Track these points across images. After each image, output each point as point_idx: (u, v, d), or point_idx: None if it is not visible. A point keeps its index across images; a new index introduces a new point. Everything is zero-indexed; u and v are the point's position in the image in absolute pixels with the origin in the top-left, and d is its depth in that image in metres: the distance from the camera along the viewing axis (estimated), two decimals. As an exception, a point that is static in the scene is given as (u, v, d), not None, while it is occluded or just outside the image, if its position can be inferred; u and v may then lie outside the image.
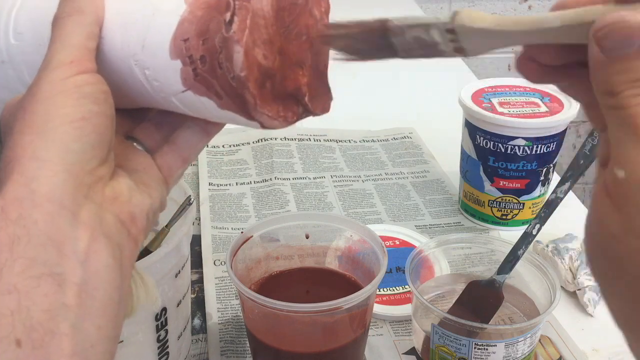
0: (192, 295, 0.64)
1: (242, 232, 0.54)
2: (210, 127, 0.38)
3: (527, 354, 0.54)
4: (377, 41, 0.33)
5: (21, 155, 0.29)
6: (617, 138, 0.28)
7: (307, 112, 0.35)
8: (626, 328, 0.30)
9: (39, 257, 0.28)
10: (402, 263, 0.61)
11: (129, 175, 0.34)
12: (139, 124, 0.38)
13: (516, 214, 0.74)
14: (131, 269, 0.33)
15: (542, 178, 0.73)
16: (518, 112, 0.70)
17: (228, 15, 0.31)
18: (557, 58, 0.31)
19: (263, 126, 0.34)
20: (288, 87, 0.34)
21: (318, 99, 0.36)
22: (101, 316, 0.29)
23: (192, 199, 0.50)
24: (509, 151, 0.70)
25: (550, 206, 0.58)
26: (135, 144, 0.36)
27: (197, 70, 0.32)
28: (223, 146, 0.91)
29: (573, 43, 0.28)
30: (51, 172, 0.29)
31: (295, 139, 0.93)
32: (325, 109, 0.36)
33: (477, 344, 0.52)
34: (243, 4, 0.31)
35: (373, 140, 0.95)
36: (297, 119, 0.35)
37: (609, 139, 0.28)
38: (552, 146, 0.71)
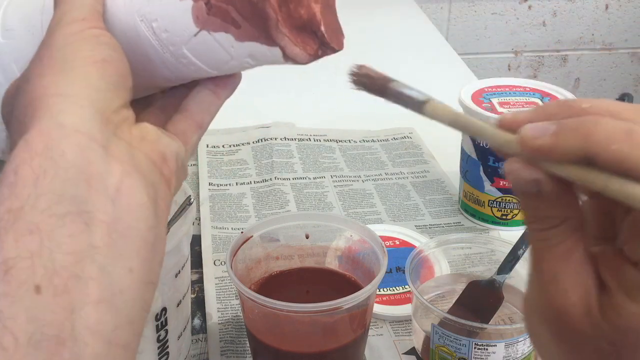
0: (192, 295, 0.64)
1: (242, 232, 0.54)
2: (220, 90, 0.37)
3: (527, 354, 0.54)
4: (379, 87, 0.36)
5: (43, 93, 0.28)
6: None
7: (324, 45, 0.34)
8: None
9: (66, 192, 0.26)
10: (402, 263, 0.61)
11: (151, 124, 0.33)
12: (142, 111, 0.36)
13: (516, 214, 0.74)
14: (166, 215, 0.31)
15: (542, 178, 0.72)
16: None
17: None
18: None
19: (285, 54, 0.33)
20: (303, 15, 0.33)
21: (332, 32, 0.35)
22: (134, 258, 0.27)
23: (192, 199, 0.50)
24: (509, 151, 0.70)
25: (550, 206, 0.58)
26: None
27: (210, 2, 0.32)
28: (223, 146, 0.91)
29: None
30: (78, 106, 0.28)
31: (295, 139, 0.93)
32: (340, 44, 0.35)
33: (477, 344, 0.52)
34: None
35: (373, 140, 0.95)
36: (316, 54, 0.34)
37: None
38: (552, 146, 0.71)
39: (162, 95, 0.38)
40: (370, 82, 0.36)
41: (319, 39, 0.34)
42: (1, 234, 0.25)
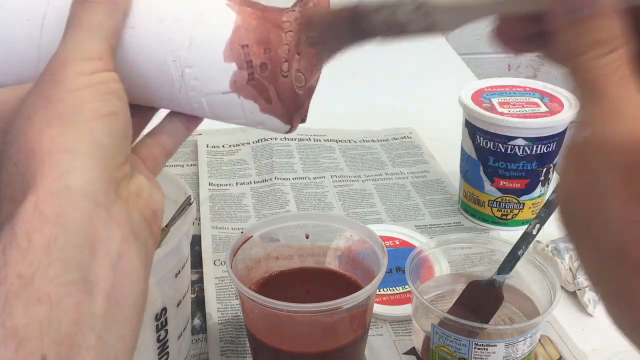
0: (192, 295, 0.64)
1: (242, 232, 0.54)
2: (192, 125, 0.38)
3: (527, 354, 0.54)
4: (348, 28, 0.35)
5: (50, 147, 0.28)
6: (582, 100, 0.28)
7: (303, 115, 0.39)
8: (597, 284, 0.30)
9: (73, 259, 0.26)
10: (402, 263, 0.61)
11: (138, 171, 0.33)
12: None
13: (516, 214, 0.74)
14: (150, 271, 0.31)
15: (542, 178, 0.73)
16: (518, 112, 0.70)
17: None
18: (525, 29, 0.31)
19: (290, 130, 0.37)
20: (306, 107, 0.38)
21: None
22: (126, 325, 0.28)
23: (192, 199, 0.50)
24: (509, 151, 0.70)
25: (550, 206, 0.58)
26: None
27: (254, 75, 0.34)
28: (223, 146, 0.91)
29: (537, 9, 0.29)
30: (85, 166, 0.28)
31: (295, 139, 0.93)
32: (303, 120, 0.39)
33: (477, 344, 0.52)
34: None
35: (373, 140, 0.95)
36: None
37: None
38: (552, 146, 0.71)
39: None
40: (334, 28, 0.35)
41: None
42: (11, 298, 0.25)
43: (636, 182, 0.26)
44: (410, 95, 1.12)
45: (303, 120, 0.39)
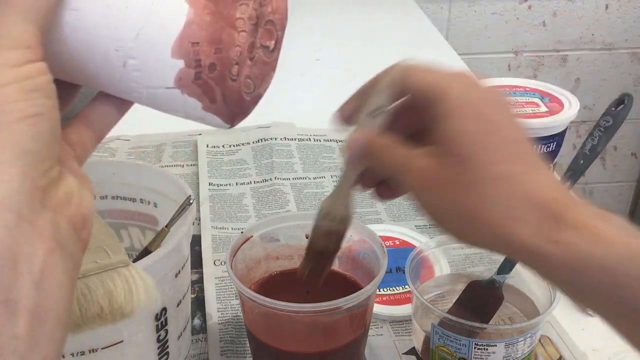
0: (192, 295, 0.64)
1: (242, 232, 0.54)
2: (125, 106, 0.35)
3: (527, 354, 0.54)
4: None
5: None
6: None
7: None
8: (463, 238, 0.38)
9: None
10: (402, 263, 0.61)
11: (68, 170, 0.30)
12: None
13: (516, 214, 0.74)
14: (75, 287, 0.29)
15: (542, 178, 0.72)
16: (518, 112, 0.70)
17: (272, 43, 0.35)
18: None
19: (230, 127, 0.36)
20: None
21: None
22: (50, 344, 0.26)
23: (192, 199, 0.50)
24: (509, 151, 0.70)
25: (550, 206, 0.58)
26: None
27: (202, 75, 0.32)
28: (223, 146, 0.91)
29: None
30: (7, 176, 0.25)
31: (295, 139, 0.93)
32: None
33: (477, 344, 0.52)
34: (282, 36, 0.35)
35: (373, 140, 0.95)
36: None
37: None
38: (552, 146, 0.71)
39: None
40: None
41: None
42: None
43: None
44: (410, 95, 1.11)
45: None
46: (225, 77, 0.33)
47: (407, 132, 0.42)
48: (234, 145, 0.91)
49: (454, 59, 1.27)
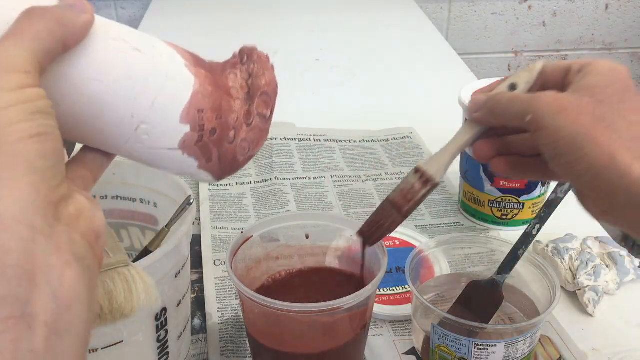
0: (192, 295, 0.64)
1: (242, 232, 0.54)
2: (112, 156, 0.36)
3: (527, 354, 0.54)
4: (387, 210, 0.49)
5: None
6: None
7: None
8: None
9: (11, 293, 0.24)
10: (402, 263, 0.61)
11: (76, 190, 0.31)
12: None
13: (516, 214, 0.74)
14: (95, 301, 0.30)
15: (542, 178, 0.73)
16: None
17: (269, 112, 0.39)
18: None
19: (213, 182, 0.40)
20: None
21: None
22: (67, 359, 0.26)
23: (192, 199, 0.50)
24: (509, 151, 0.70)
25: (550, 206, 0.58)
26: None
27: (203, 138, 0.36)
28: (223, 146, 0.91)
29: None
30: (18, 191, 0.26)
31: (295, 139, 0.93)
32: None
33: (477, 344, 0.52)
34: (275, 104, 0.39)
35: (373, 140, 0.95)
36: None
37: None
38: (552, 146, 0.71)
39: None
40: (378, 221, 0.50)
41: None
42: None
43: None
44: (410, 95, 1.12)
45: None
46: (223, 140, 0.37)
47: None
48: (234, 145, 0.91)
49: (454, 59, 1.28)
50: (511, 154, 0.48)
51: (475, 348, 0.52)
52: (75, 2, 0.31)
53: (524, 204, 0.74)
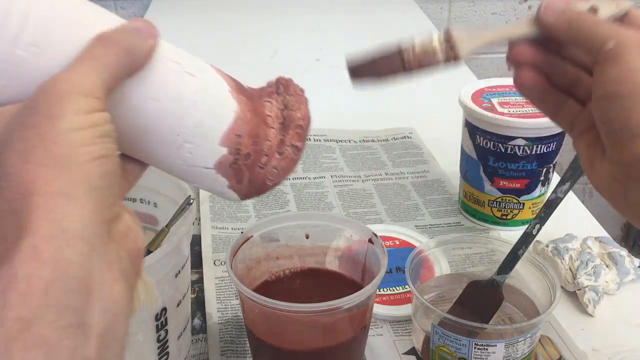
0: (192, 295, 0.64)
1: (242, 232, 0.54)
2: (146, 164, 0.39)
3: (527, 354, 0.54)
4: (394, 63, 0.43)
5: (45, 190, 0.28)
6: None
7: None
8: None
9: (70, 303, 0.26)
10: (402, 263, 0.61)
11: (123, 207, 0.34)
12: None
13: (516, 214, 0.74)
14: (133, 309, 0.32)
15: (542, 178, 0.73)
16: (518, 112, 0.70)
17: (301, 144, 0.40)
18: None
19: (237, 201, 0.40)
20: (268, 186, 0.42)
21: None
22: None
23: (192, 199, 0.50)
24: (509, 151, 0.70)
25: (550, 206, 0.58)
26: None
27: (238, 161, 0.38)
28: (223, 146, 0.91)
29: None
30: (80, 209, 0.28)
31: (295, 139, 0.93)
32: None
33: (477, 344, 0.52)
34: (307, 136, 0.40)
35: (373, 140, 0.95)
36: None
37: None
38: (552, 146, 0.71)
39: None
40: (382, 62, 0.43)
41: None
42: (10, 341, 0.25)
43: None
44: (410, 95, 1.12)
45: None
46: (255, 165, 0.39)
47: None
48: (234, 145, 0.91)
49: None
50: (544, 74, 0.44)
51: (475, 348, 0.52)
52: (142, 25, 0.34)
53: (524, 204, 0.74)
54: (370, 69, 0.43)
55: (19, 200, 0.27)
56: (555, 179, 0.74)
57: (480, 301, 0.57)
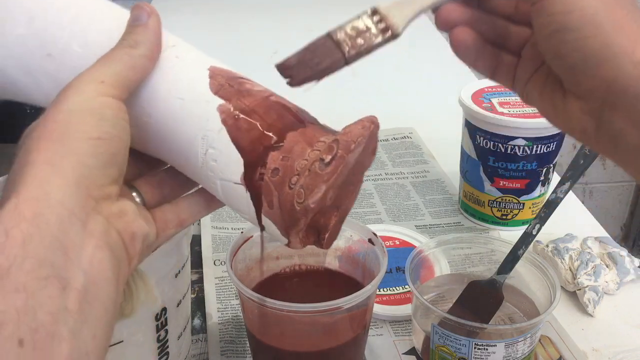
0: (192, 295, 0.64)
1: (242, 232, 0.54)
2: (213, 203, 0.40)
3: (527, 354, 0.54)
4: (327, 48, 0.40)
5: (35, 159, 0.30)
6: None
7: (318, 244, 0.39)
8: None
9: (47, 258, 0.28)
10: (402, 263, 0.61)
11: (135, 204, 0.35)
12: (142, 175, 0.39)
13: (516, 214, 0.74)
14: (122, 289, 0.33)
15: (542, 178, 0.73)
16: (518, 112, 0.70)
17: (329, 157, 0.35)
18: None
19: (286, 245, 0.38)
20: (320, 222, 0.38)
21: (330, 237, 0.39)
22: (97, 325, 0.30)
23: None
24: (509, 151, 0.70)
25: (550, 206, 0.58)
26: (134, 194, 0.37)
27: (264, 176, 0.35)
28: (223, 146, 0.91)
29: None
30: (63, 179, 0.30)
31: (295, 139, 0.93)
32: (328, 246, 0.39)
33: (477, 344, 0.52)
34: (343, 155, 0.36)
35: (373, 140, 0.95)
36: (306, 246, 0.39)
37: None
38: (552, 146, 0.71)
39: (166, 169, 0.40)
40: (315, 54, 0.41)
41: (318, 240, 0.38)
42: None
43: None
44: (410, 95, 1.12)
45: (322, 245, 0.39)
46: (284, 184, 0.35)
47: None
48: (234, 145, 0.91)
49: (454, 58, 1.27)
50: (480, 31, 0.42)
51: (475, 348, 0.52)
52: (138, 39, 0.36)
53: (524, 204, 0.74)
54: (309, 70, 0.40)
55: (19, 169, 0.31)
56: (555, 179, 0.74)
57: (480, 301, 0.57)
